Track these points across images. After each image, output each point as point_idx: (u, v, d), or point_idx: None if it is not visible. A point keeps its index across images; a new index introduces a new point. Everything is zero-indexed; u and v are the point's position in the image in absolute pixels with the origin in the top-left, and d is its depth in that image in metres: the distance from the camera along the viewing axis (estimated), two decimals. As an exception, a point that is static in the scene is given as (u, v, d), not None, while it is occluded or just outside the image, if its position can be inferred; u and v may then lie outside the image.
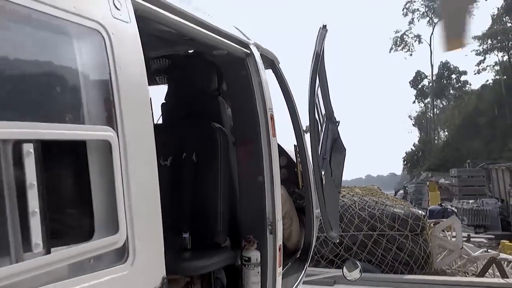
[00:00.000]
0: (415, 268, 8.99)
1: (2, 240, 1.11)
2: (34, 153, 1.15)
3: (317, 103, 3.56)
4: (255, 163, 2.79)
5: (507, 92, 53.82)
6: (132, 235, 1.50)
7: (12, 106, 1.21)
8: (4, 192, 1.10)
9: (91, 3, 1.48)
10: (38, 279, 1.19)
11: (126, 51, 1.58)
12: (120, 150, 1.45)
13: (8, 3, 1.19)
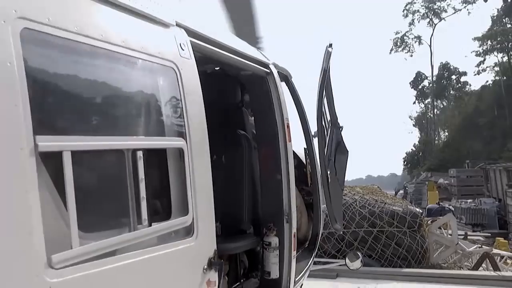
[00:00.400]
0: (412, 262, 9.55)
1: (126, 216, 1.68)
2: (142, 157, 1.73)
3: (323, 111, 4.12)
4: (274, 164, 3.36)
5: (506, 93, 53.97)
6: (196, 217, 2.07)
7: (126, 127, 1.78)
8: (127, 183, 1.67)
9: (167, 48, 2.05)
10: (144, 243, 1.76)
11: (189, 80, 2.15)
12: (189, 155, 2.03)
13: (119, 54, 1.76)
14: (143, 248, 1.76)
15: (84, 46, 1.56)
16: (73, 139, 1.45)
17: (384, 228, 9.82)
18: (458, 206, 22.14)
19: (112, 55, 1.73)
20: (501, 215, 21.14)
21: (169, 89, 2.02)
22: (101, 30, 1.63)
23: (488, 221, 20.36)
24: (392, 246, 9.68)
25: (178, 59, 2.08)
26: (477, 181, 26.25)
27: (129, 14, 1.85)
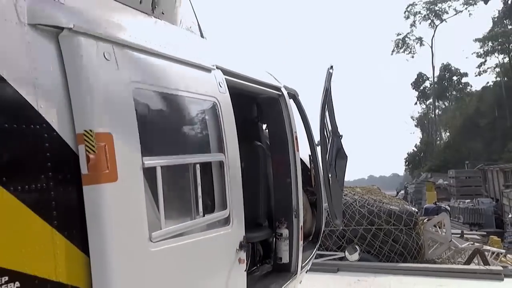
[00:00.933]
0: (408, 258, 10.32)
1: (190, 209, 2.45)
2: (199, 168, 2.50)
3: (325, 123, 4.88)
4: (284, 170, 4.14)
5: (507, 94, 54.24)
6: (231, 211, 2.84)
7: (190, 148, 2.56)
8: (191, 186, 2.44)
9: (210, 87, 2.83)
10: (200, 228, 2.53)
11: (226, 109, 2.92)
12: (226, 165, 2.80)
13: (183, 97, 2.53)
14: (200, 231, 2.54)
15: (166, 95, 2.34)
16: (161, 158, 2.22)
17: (382, 226, 10.58)
18: (456, 206, 22.85)
19: (179, 98, 2.52)
20: (498, 215, 21.81)
21: (213, 118, 2.80)
22: (174, 82, 2.41)
23: (485, 221, 21.03)
24: (389, 242, 10.45)
25: (218, 94, 2.86)
26: (475, 181, 26.96)
27: (188, 66, 2.63)
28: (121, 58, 2.04)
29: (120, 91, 1.98)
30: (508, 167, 22.43)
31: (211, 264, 2.65)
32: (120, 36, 2.10)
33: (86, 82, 1.82)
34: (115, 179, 1.86)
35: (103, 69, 1.91)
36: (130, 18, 2.45)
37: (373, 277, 9.13)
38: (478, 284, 8.54)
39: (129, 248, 1.96)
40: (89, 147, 1.78)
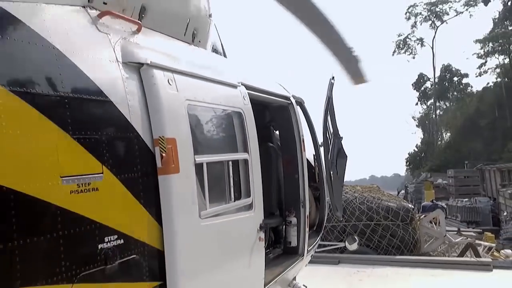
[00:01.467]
0: (405, 251, 11.08)
1: (224, 195, 3.21)
2: (231, 164, 3.26)
3: (328, 126, 5.63)
4: (293, 167, 4.89)
5: (507, 94, 54.73)
6: (254, 199, 3.59)
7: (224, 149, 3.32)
8: (225, 178, 3.20)
9: (237, 100, 3.58)
10: (232, 211, 3.28)
11: (249, 118, 3.68)
12: (250, 163, 3.55)
13: (218, 109, 3.29)
14: (232, 213, 3.29)
15: (207, 108, 3.11)
16: (205, 157, 2.97)
17: (380, 222, 11.36)
18: (454, 204, 23.60)
19: (217, 110, 3.28)
20: (495, 213, 22.50)
21: (240, 125, 3.55)
22: (213, 98, 3.18)
23: (482, 219, 21.75)
24: (387, 237, 11.22)
25: (243, 106, 3.61)
26: (473, 181, 27.70)
27: (221, 84, 3.39)
28: (178, 82, 2.79)
29: (179, 107, 2.73)
30: (504, 167, 23.16)
31: (239, 239, 3.41)
32: (176, 66, 2.85)
33: (158, 102, 2.56)
34: (178, 171, 2.61)
35: (168, 91, 2.66)
36: (180, 49, 3.22)
37: (371, 268, 9.89)
38: (468, 274, 9.28)
39: (186, 220, 2.71)
40: (162, 148, 2.52)
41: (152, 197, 2.50)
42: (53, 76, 2.04)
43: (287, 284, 4.99)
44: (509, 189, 20.25)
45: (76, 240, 2.02)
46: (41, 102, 1.93)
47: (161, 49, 2.88)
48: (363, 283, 8.73)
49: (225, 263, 3.16)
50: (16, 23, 1.98)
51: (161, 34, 3.10)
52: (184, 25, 3.40)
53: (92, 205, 2.10)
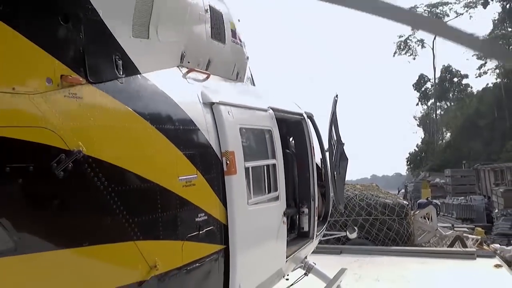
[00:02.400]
0: (400, 243, 12.47)
1: (262, 189, 4.60)
2: (266, 167, 4.65)
3: (332, 135, 7.01)
4: (305, 169, 6.26)
5: (506, 95, 55.67)
6: (279, 193, 4.98)
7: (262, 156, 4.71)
8: (262, 177, 4.60)
9: (268, 121, 4.97)
10: (265, 200, 4.67)
11: (276, 134, 5.06)
12: (277, 166, 4.94)
13: (260, 130, 4.67)
14: (265, 202, 4.67)
15: (251, 129, 4.48)
16: (250, 163, 4.34)
17: (378, 216, 12.75)
18: (450, 202, 25.00)
19: (257, 129, 4.66)
20: (489, 211, 23.88)
21: (270, 139, 4.92)
22: (254, 121, 4.55)
23: (476, 216, 23.16)
24: (384, 230, 12.61)
25: (272, 125, 4.99)
26: (469, 180, 29.11)
27: (258, 110, 4.76)
28: (233, 112, 4.16)
29: (235, 130, 4.10)
30: (497, 167, 24.55)
31: (270, 221, 4.79)
32: (231, 101, 4.23)
33: (223, 127, 3.93)
34: (236, 173, 3.98)
35: (229, 120, 4.02)
36: (231, 87, 4.62)
37: (369, 257, 11.23)
38: (455, 262, 10.64)
39: (240, 206, 4.07)
40: (226, 158, 3.89)
41: (221, 190, 3.86)
42: (170, 114, 3.40)
43: (300, 261, 6.36)
44: (501, 188, 21.61)
45: (186, 215, 3.38)
46: (166, 131, 3.29)
47: (222, 89, 4.26)
48: (362, 269, 10.07)
49: (262, 236, 4.55)
50: (154, 88, 3.35)
51: (219, 77, 4.48)
52: (232, 68, 4.79)
53: (192, 194, 3.46)
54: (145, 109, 3.11)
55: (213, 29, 4.30)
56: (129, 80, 3.07)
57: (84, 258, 2.62)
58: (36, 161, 2.37)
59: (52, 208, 2.49)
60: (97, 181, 2.64)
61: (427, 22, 5.18)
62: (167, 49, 3.61)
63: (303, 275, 6.55)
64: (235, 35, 4.83)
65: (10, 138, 2.28)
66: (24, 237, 2.37)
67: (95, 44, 2.82)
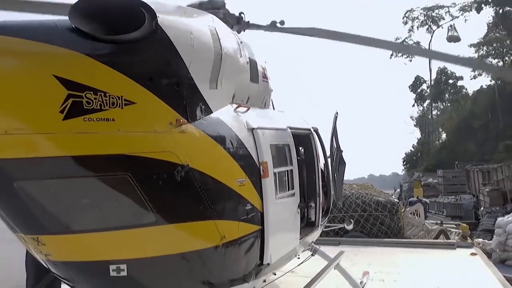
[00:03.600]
0: (391, 236, 14.34)
1: (285, 186, 6.43)
2: (286, 172, 6.50)
3: (332, 145, 8.84)
4: (312, 172, 8.10)
5: (500, 97, 57.40)
6: (295, 191, 6.81)
7: (281, 164, 6.55)
8: (285, 179, 6.43)
9: (287, 138, 6.80)
10: (287, 196, 6.50)
11: (293, 147, 6.89)
12: (293, 171, 6.78)
13: (279, 145, 6.51)
14: (286, 198, 6.49)
15: (276, 145, 6.30)
16: (276, 169, 6.14)
17: (372, 213, 14.62)
18: (442, 201, 26.94)
19: (279, 145, 6.47)
20: (477, 209, 25.82)
21: (288, 151, 6.73)
22: (279, 139, 6.37)
23: (465, 214, 25.08)
24: (377, 225, 14.49)
25: (290, 141, 6.81)
26: (460, 180, 31.08)
27: (281, 130, 6.58)
28: (266, 134, 5.95)
29: (267, 146, 5.89)
30: (485, 168, 26.48)
31: (289, 211, 6.60)
32: (264, 125, 6.04)
33: (260, 145, 5.73)
34: (268, 176, 5.79)
35: (264, 139, 5.82)
36: (262, 113, 6.43)
37: (364, 248, 13.07)
38: (438, 251, 12.48)
39: (271, 199, 5.86)
40: (263, 166, 5.68)
41: (259, 188, 5.66)
42: (230, 138, 5.19)
43: (308, 244, 8.17)
44: (487, 188, 23.55)
45: (241, 205, 5.18)
46: (229, 149, 5.08)
47: (257, 117, 6.06)
48: (357, 257, 11.87)
49: (284, 222, 6.36)
50: (220, 121, 5.14)
51: (255, 107, 6.28)
52: (262, 99, 6.62)
53: (243, 191, 5.24)
54: (217, 136, 4.92)
55: (251, 75, 6.12)
56: (207, 118, 4.87)
57: (189, 229, 4.45)
58: (167, 170, 4.18)
59: (175, 197, 4.30)
60: (196, 182, 4.45)
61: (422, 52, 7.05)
62: (226, 94, 5.42)
63: (310, 255, 8.37)
64: (264, 75, 6.65)
65: (155, 158, 4.09)
66: (160, 215, 4.18)
67: (192, 98, 4.61)
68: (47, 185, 3.67)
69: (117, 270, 4.19)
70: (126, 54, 3.95)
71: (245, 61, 5.91)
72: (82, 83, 3.60)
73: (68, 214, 3.87)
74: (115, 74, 3.82)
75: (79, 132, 3.59)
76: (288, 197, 6.60)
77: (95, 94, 3.66)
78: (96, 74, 3.71)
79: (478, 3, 60.11)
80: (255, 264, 5.62)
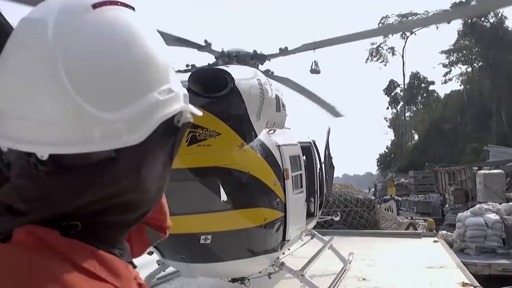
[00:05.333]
0: (369, 228, 17.19)
1: (298, 186, 9.13)
2: (297, 175, 9.19)
3: (326, 154, 11.56)
4: (312, 175, 10.78)
5: (468, 101, 61.38)
6: (304, 189, 9.48)
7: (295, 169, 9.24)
8: (297, 180, 9.13)
9: (297, 151, 9.45)
10: (298, 193, 9.16)
11: (301, 157, 9.54)
12: (303, 174, 9.46)
13: (293, 156, 9.20)
14: (298, 194, 9.13)
15: (292, 156, 8.94)
16: (293, 173, 8.76)
17: (352, 208, 17.45)
18: (412, 199, 30.13)
19: (292, 156, 9.11)
20: (444, 206, 29.05)
21: (299, 160, 9.37)
22: (292, 152, 9.03)
23: (433, 211, 28.27)
24: (357, 218, 17.32)
25: (299, 153, 9.45)
26: (429, 180, 34.40)
27: (292, 145, 9.23)
28: (285, 149, 8.57)
29: (287, 157, 8.47)
30: (451, 169, 29.77)
31: (300, 204, 9.23)
32: (285, 142, 8.66)
33: (284, 156, 8.33)
34: (289, 178, 8.39)
35: (285, 153, 8.42)
36: (282, 133, 9.06)
37: (346, 237, 15.78)
38: (407, 239, 15.29)
39: (291, 194, 8.44)
40: (286, 171, 8.29)
41: (284, 187, 8.23)
42: (267, 152, 7.77)
43: (308, 230, 10.83)
44: (452, 187, 26.79)
45: (274, 198, 7.77)
46: (267, 160, 7.66)
47: (280, 136, 8.65)
48: (340, 244, 14.45)
49: (297, 211, 8.98)
50: (261, 142, 7.73)
51: (278, 129, 8.87)
52: (282, 122, 9.24)
53: (275, 189, 7.82)
54: (261, 152, 7.53)
55: (276, 107, 8.74)
56: (255, 140, 7.46)
57: (247, 213, 7.06)
58: (238, 175, 6.78)
59: (241, 192, 6.89)
60: (251, 183, 7.05)
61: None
62: (263, 123, 8.00)
63: (310, 238, 11.06)
64: (283, 105, 9.29)
65: (232, 168, 6.69)
66: (233, 203, 6.78)
67: (248, 128, 7.20)
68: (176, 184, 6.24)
69: (205, 239, 6.77)
70: (218, 104, 6.54)
71: (273, 97, 8.53)
72: (195, 123, 6.18)
73: (184, 202, 6.44)
74: (212, 117, 6.41)
75: (194, 153, 6.19)
76: (300, 193, 9.23)
77: (202, 130, 6.26)
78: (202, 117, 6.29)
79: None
80: (280, 239, 8.24)
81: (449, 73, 67.05)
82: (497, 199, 20.56)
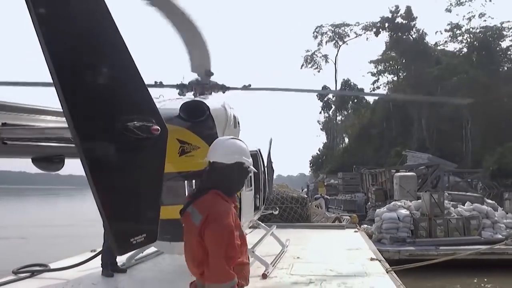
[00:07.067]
0: (302, 221, 20.46)
1: (248, 185, 12.09)
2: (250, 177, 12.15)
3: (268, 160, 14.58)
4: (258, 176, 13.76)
5: (393, 108, 66.13)
6: (252, 187, 12.43)
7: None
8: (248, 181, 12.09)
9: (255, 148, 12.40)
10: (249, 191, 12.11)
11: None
12: (251, 176, 12.42)
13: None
14: (249, 191, 12.05)
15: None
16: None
17: (288, 205, 20.65)
18: (340, 198, 34.04)
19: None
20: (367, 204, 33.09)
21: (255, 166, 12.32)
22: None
23: (358, 208, 32.17)
24: (292, 214, 20.55)
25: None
26: (356, 181, 38.51)
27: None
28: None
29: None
30: (374, 171, 33.94)
31: (250, 198, 12.12)
32: None
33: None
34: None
35: None
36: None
37: (283, 229, 18.74)
38: (333, 231, 18.55)
39: (244, 191, 11.32)
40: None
41: None
42: None
43: (254, 220, 13.71)
44: (374, 187, 30.86)
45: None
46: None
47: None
48: (279, 234, 17.51)
49: (249, 203, 11.82)
50: None
51: None
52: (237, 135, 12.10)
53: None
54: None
55: (234, 124, 11.56)
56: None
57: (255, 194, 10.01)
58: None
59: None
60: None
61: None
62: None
63: (253, 228, 13.99)
64: (238, 122, 12.11)
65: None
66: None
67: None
68: (170, 183, 8.94)
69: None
70: (198, 126, 9.32)
71: (232, 117, 11.36)
72: (184, 140, 8.92)
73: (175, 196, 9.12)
74: (195, 136, 9.14)
75: (183, 162, 8.94)
76: (250, 191, 12.06)
77: (188, 145, 9.02)
78: (189, 136, 9.04)
79: (376, 28, 69.50)
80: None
81: (377, 81, 72.21)
82: (410, 197, 24.46)
